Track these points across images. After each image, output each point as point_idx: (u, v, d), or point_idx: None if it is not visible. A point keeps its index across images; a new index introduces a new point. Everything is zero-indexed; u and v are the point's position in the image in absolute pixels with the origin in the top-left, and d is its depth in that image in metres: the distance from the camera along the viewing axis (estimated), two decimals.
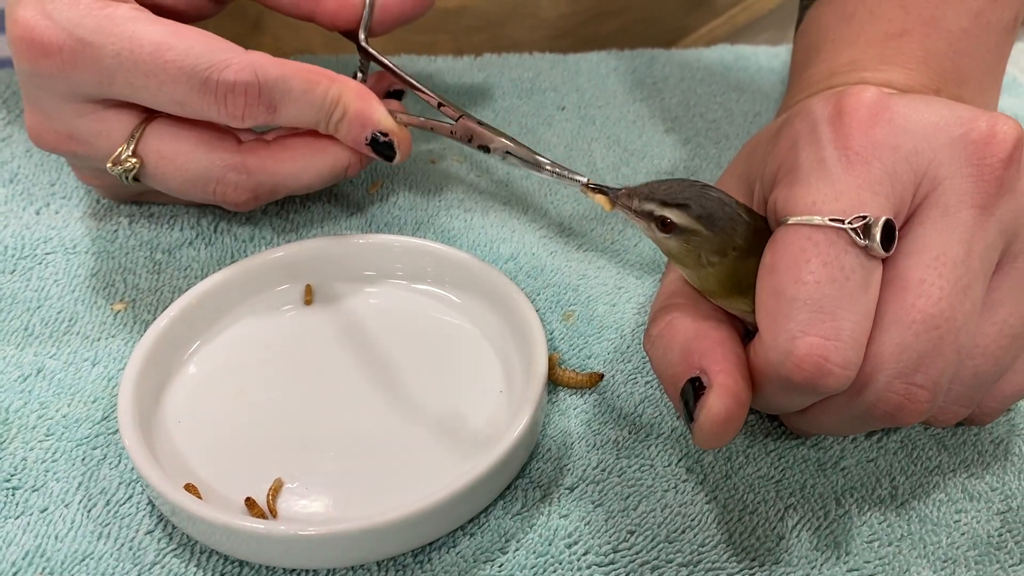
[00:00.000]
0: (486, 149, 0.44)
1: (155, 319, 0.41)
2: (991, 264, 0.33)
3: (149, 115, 0.42)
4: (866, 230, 0.31)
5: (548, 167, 0.42)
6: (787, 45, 0.65)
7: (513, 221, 0.50)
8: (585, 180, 0.37)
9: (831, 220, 0.31)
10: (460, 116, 0.45)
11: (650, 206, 0.35)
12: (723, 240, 0.34)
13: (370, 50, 0.48)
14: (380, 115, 0.43)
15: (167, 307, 0.41)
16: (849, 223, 0.31)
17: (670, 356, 0.35)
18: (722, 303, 0.35)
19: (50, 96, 0.41)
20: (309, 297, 0.44)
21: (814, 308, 0.31)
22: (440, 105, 0.46)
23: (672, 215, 0.34)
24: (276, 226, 0.49)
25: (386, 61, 0.47)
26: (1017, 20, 0.46)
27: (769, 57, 0.63)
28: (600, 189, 0.36)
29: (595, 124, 0.57)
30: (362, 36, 0.47)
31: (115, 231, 0.48)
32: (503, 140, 0.43)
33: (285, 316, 0.43)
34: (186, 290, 0.45)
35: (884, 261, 0.32)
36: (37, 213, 0.50)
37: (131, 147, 0.42)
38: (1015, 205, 0.32)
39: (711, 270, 0.34)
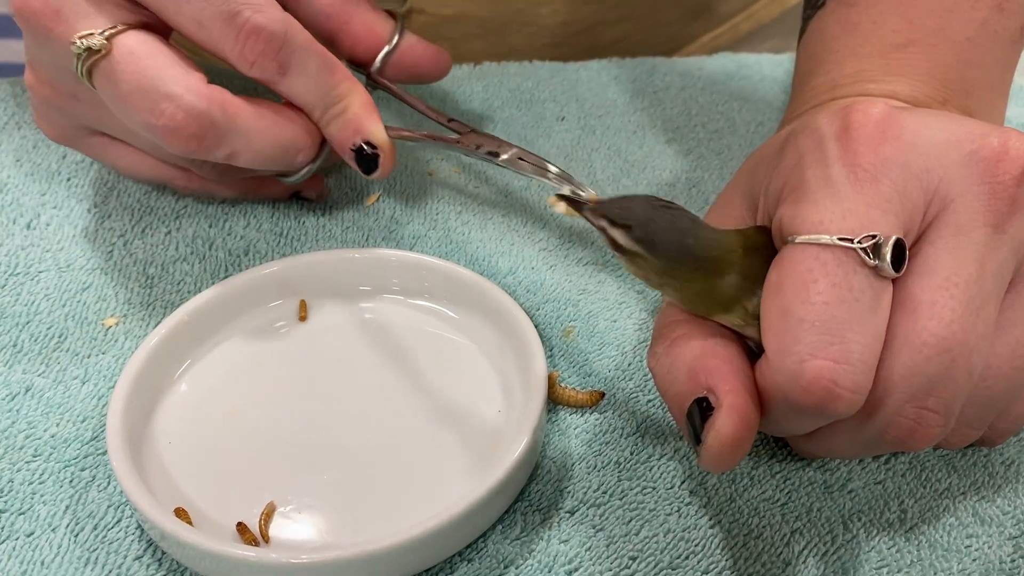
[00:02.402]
0: (495, 154, 0.45)
1: (147, 335, 0.40)
2: (1004, 284, 0.32)
3: (141, 23, 0.41)
4: (876, 250, 0.30)
5: (554, 175, 0.43)
6: (790, 53, 0.64)
7: (512, 234, 0.49)
8: (586, 197, 0.36)
9: (839, 239, 0.30)
10: (469, 131, 0.47)
11: (603, 223, 0.34)
12: (668, 264, 0.33)
13: (381, 79, 0.49)
14: (376, 128, 0.44)
15: (159, 323, 0.40)
16: (858, 242, 0.30)
17: (675, 374, 0.34)
18: (709, 318, 0.34)
19: None
20: (303, 313, 0.43)
21: (822, 330, 0.30)
22: (450, 120, 0.48)
23: (616, 235, 0.34)
24: (270, 240, 0.48)
25: (395, 88, 0.49)
26: None
27: (772, 66, 0.63)
28: (568, 199, 0.35)
29: (595, 134, 0.56)
30: (374, 66, 0.48)
31: (110, 249, 0.47)
32: (513, 147, 0.45)
33: (279, 333, 0.42)
34: (179, 305, 0.44)
35: (894, 282, 0.31)
36: (28, 227, 0.49)
37: (106, 32, 0.40)
38: None
39: (669, 290, 0.34)
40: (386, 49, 0.48)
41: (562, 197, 0.36)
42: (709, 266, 0.33)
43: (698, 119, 0.58)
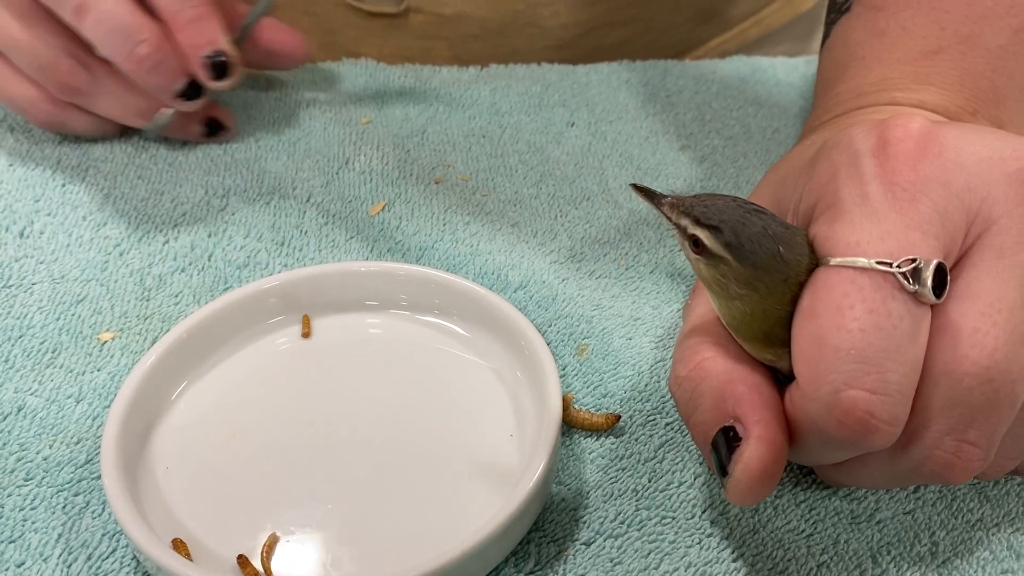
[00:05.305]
0: None
1: (144, 350, 0.38)
2: None
3: None
4: (916, 274, 0.28)
5: None
6: (806, 57, 0.62)
7: (522, 245, 0.47)
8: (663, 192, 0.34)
9: (878, 263, 0.29)
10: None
11: (685, 222, 0.32)
12: (753, 275, 0.31)
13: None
14: (225, 37, 0.48)
15: (157, 337, 0.39)
16: (897, 266, 0.29)
17: (699, 401, 0.32)
18: (747, 346, 0.32)
19: None
20: (306, 329, 0.41)
21: (858, 359, 0.28)
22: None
23: (702, 236, 0.31)
24: (271, 250, 0.46)
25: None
26: None
27: (787, 70, 0.61)
28: (646, 192, 0.33)
29: (606, 140, 0.55)
30: (235, 37, 0.50)
31: (105, 260, 0.46)
32: None
33: (280, 350, 0.40)
34: (177, 318, 0.43)
35: (933, 307, 0.29)
36: (21, 235, 0.47)
37: None
38: None
39: (738, 304, 0.31)
40: (244, 21, 0.51)
41: (637, 188, 0.33)
42: (796, 280, 0.31)
43: (712, 125, 0.56)
